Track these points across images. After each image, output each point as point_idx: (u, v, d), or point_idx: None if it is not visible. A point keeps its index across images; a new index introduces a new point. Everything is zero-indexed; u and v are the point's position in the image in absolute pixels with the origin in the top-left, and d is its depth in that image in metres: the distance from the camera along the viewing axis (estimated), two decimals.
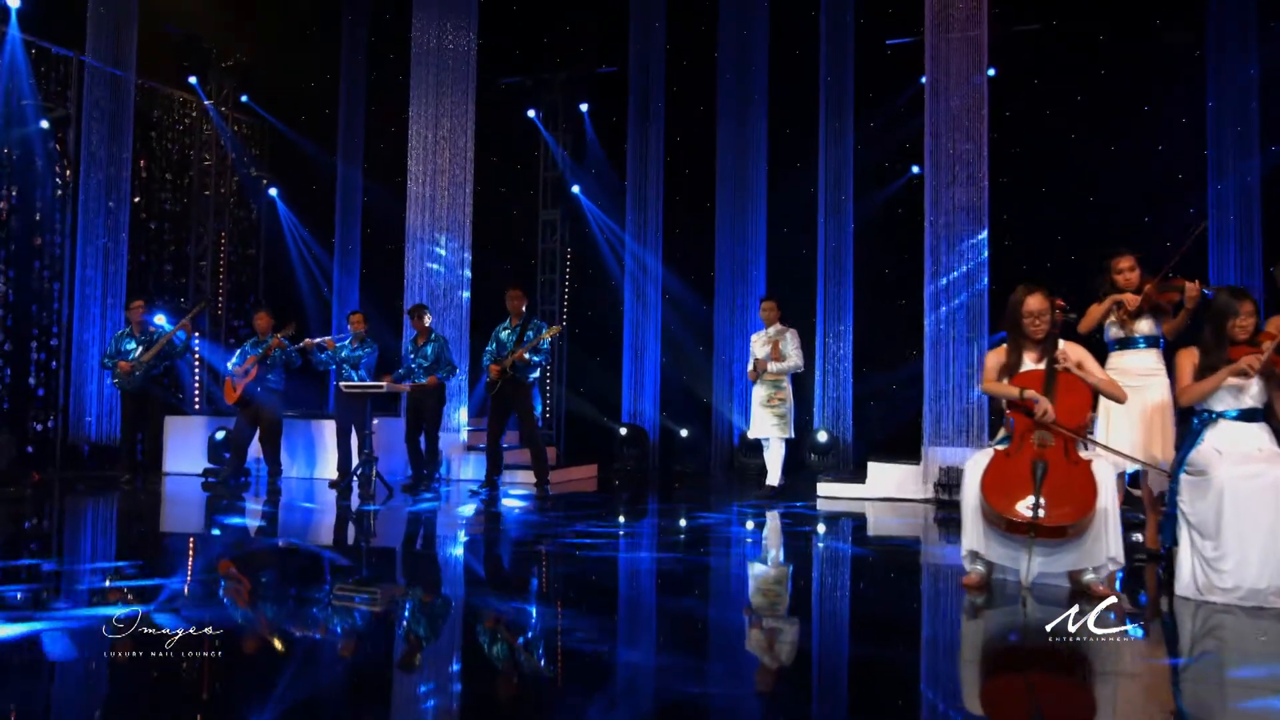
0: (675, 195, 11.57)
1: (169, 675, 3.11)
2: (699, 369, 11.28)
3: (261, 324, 8.94)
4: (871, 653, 3.68)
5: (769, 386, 7.84)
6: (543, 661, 3.41)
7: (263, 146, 12.43)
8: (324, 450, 9.45)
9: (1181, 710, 3.02)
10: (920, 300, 10.94)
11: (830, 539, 6.50)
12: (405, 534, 6.56)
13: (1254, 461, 4.05)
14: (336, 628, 3.85)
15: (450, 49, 9.66)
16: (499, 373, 7.85)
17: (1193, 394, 4.27)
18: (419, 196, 9.60)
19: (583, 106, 11.90)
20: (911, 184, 10.73)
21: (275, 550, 5.85)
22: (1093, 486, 4.02)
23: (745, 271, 11.06)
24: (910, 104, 10.83)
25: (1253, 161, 9.53)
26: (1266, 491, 3.92)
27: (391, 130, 12.79)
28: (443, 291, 9.60)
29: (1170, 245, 10.16)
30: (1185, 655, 3.65)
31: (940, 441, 7.96)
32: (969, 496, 4.26)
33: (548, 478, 8.15)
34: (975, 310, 7.98)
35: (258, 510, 7.37)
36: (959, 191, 7.98)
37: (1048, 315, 4.43)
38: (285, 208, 12.27)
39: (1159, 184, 10.07)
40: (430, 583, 4.99)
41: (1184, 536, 4.14)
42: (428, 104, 9.67)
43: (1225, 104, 9.62)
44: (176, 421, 9.82)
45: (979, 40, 8.02)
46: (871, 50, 10.85)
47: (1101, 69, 10.39)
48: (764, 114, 11.06)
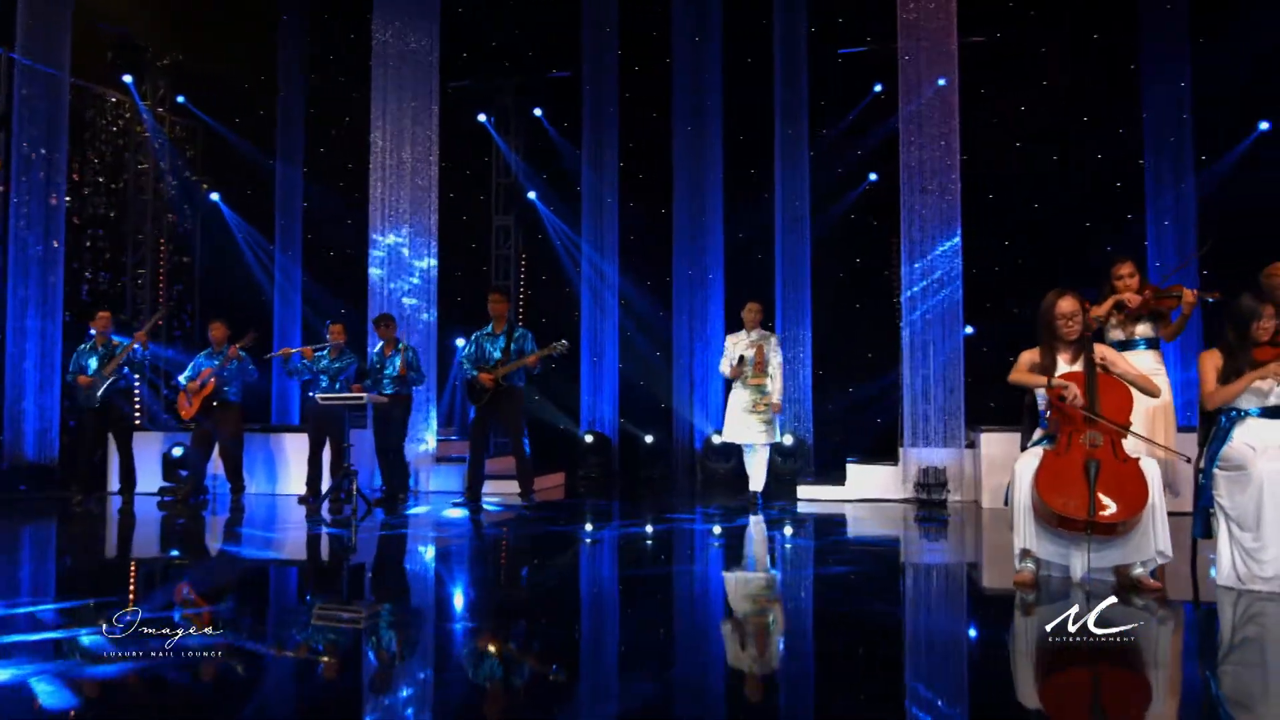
0: (630, 201, 11.55)
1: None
2: (658, 375, 11.29)
3: (217, 334, 8.57)
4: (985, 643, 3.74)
5: (754, 391, 7.67)
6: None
7: (199, 149, 11.92)
8: (285, 465, 9.11)
9: (1224, 696, 3.14)
10: (878, 304, 11.26)
11: (865, 549, 6.58)
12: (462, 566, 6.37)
13: (1268, 454, 4.25)
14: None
15: (411, 50, 9.41)
16: (492, 382, 7.68)
17: (1221, 397, 4.46)
18: (383, 203, 9.33)
19: (537, 111, 11.78)
20: (869, 191, 10.97)
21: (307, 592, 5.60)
22: (1144, 484, 4.17)
23: (703, 277, 11.11)
24: (865, 112, 11.09)
25: (1185, 164, 9.98)
26: None
27: (332, 133, 12.49)
28: (406, 301, 9.35)
29: (1111, 250, 10.72)
30: (1228, 643, 3.82)
31: (919, 443, 8.13)
32: (1020, 497, 4.37)
33: (533, 487, 8.03)
34: (951, 313, 8.18)
35: (255, 535, 7.04)
36: (932, 197, 8.18)
37: (1080, 317, 4.58)
38: (231, 212, 11.79)
39: (1099, 191, 10.53)
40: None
41: (1222, 529, 4.33)
42: (388, 108, 9.40)
43: (1160, 115, 10.07)
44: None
45: (949, 47, 8.23)
46: (824, 59, 11.04)
47: (1043, 79, 10.82)
48: (719, 120, 11.14)
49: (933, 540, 6.53)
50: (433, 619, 4.31)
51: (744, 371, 7.64)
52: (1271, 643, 3.76)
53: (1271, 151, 9.28)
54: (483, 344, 7.96)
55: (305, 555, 6.21)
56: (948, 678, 3.46)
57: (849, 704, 3.10)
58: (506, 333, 7.93)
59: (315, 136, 12.29)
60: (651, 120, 11.62)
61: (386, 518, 7.41)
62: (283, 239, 11.95)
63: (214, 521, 7.46)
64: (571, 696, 3.19)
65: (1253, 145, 9.36)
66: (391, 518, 7.43)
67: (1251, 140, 9.29)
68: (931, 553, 6.17)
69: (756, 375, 7.61)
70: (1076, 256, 10.44)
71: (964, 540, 6.50)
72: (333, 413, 8.15)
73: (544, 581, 5.26)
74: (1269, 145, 9.31)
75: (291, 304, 11.94)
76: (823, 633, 4.06)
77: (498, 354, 7.83)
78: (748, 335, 7.83)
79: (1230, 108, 9.44)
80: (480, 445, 8.04)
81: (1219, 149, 9.61)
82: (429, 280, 9.35)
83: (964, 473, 8.01)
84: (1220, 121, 9.57)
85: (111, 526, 7.47)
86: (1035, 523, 4.35)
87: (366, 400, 7.72)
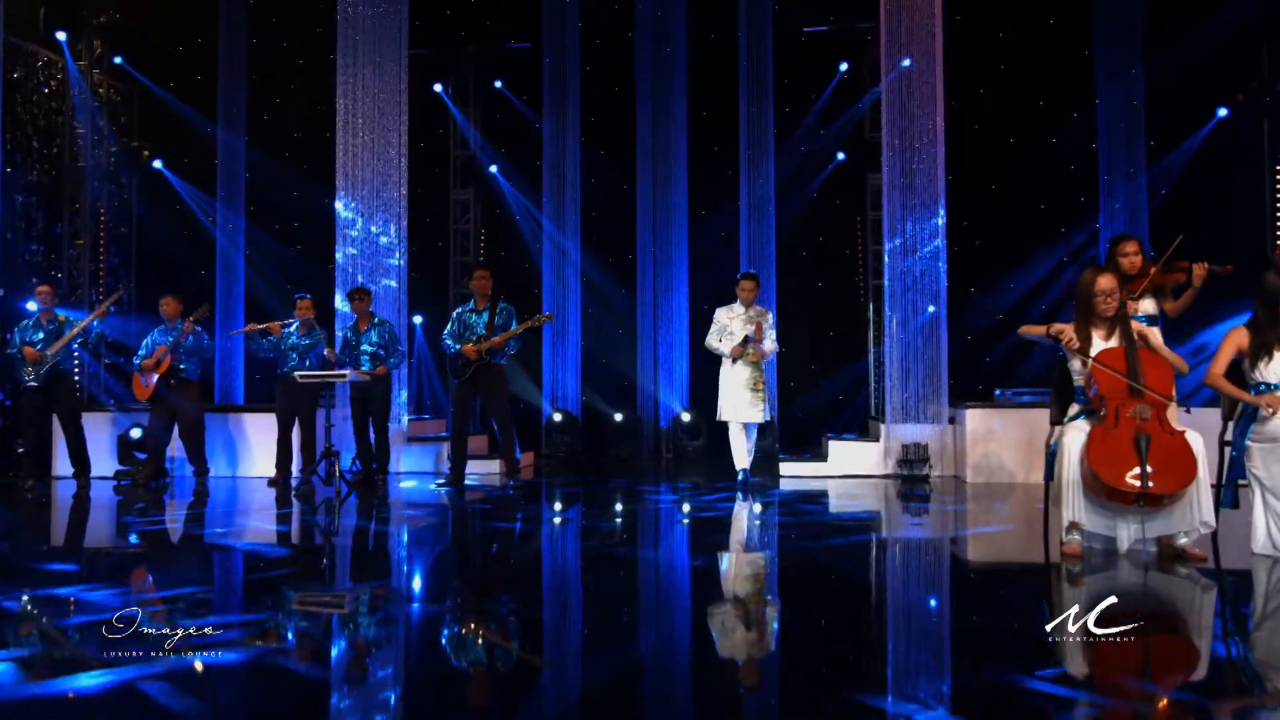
0: (592, 178, 11.38)
1: None
2: (622, 353, 11.20)
3: (169, 309, 8.12)
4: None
5: (754, 369, 7.54)
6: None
7: (135, 113, 11.26)
8: (247, 446, 8.74)
9: (1258, 660, 3.27)
10: (843, 283, 11.37)
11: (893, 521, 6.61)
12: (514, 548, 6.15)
13: None
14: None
15: (379, 14, 9.04)
16: (475, 355, 7.47)
17: (1216, 385, 4.61)
18: (348, 176, 8.96)
19: (497, 83, 11.48)
20: (835, 171, 11.03)
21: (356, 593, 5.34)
22: (1192, 456, 4.28)
23: (667, 254, 11.04)
24: (831, 92, 11.14)
25: (1138, 150, 10.29)
26: None
27: (277, 100, 11.96)
28: (385, 282, 9.02)
29: (1064, 230, 10.98)
30: (1263, 608, 3.96)
31: (900, 419, 8.23)
32: (1068, 471, 4.44)
33: (518, 467, 7.87)
34: (931, 289, 8.28)
35: (241, 522, 6.70)
36: (918, 176, 8.26)
37: (1117, 295, 4.66)
38: (178, 180, 11.20)
39: (1055, 177, 10.77)
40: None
41: (1257, 499, 4.48)
42: (354, 74, 9.01)
43: (1112, 107, 10.34)
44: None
45: (933, 27, 8.29)
46: (789, 37, 11.03)
47: (1001, 64, 11.00)
48: (684, 97, 11.05)
49: (954, 516, 6.62)
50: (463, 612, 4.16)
51: (747, 350, 7.44)
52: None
53: (1225, 139, 9.63)
54: (465, 320, 7.74)
55: (321, 548, 5.94)
56: (1029, 643, 3.48)
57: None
58: (490, 309, 7.72)
59: (259, 103, 11.74)
60: (614, 95, 11.46)
61: (369, 500, 7.16)
62: (225, 210, 11.40)
63: (179, 505, 7.09)
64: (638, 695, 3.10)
65: (1211, 132, 9.67)
66: (374, 500, 7.18)
67: (1211, 127, 9.60)
68: (962, 528, 6.26)
69: (756, 352, 7.48)
70: (1034, 239, 10.74)
71: (989, 512, 6.59)
72: (305, 391, 7.83)
73: (583, 570, 5.14)
74: (1224, 132, 9.65)
75: (235, 277, 11.42)
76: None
77: (481, 330, 7.62)
78: (745, 311, 7.61)
79: (1184, 95, 9.73)
80: (463, 424, 7.83)
81: (1173, 136, 9.91)
82: (399, 255, 9.03)
83: (946, 448, 8.14)
84: (1174, 109, 9.86)
85: (60, 511, 7.03)
86: (1084, 495, 4.42)
87: (350, 378, 7.42)
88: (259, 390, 10.92)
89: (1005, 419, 7.77)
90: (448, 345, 7.72)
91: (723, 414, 7.71)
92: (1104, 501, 4.40)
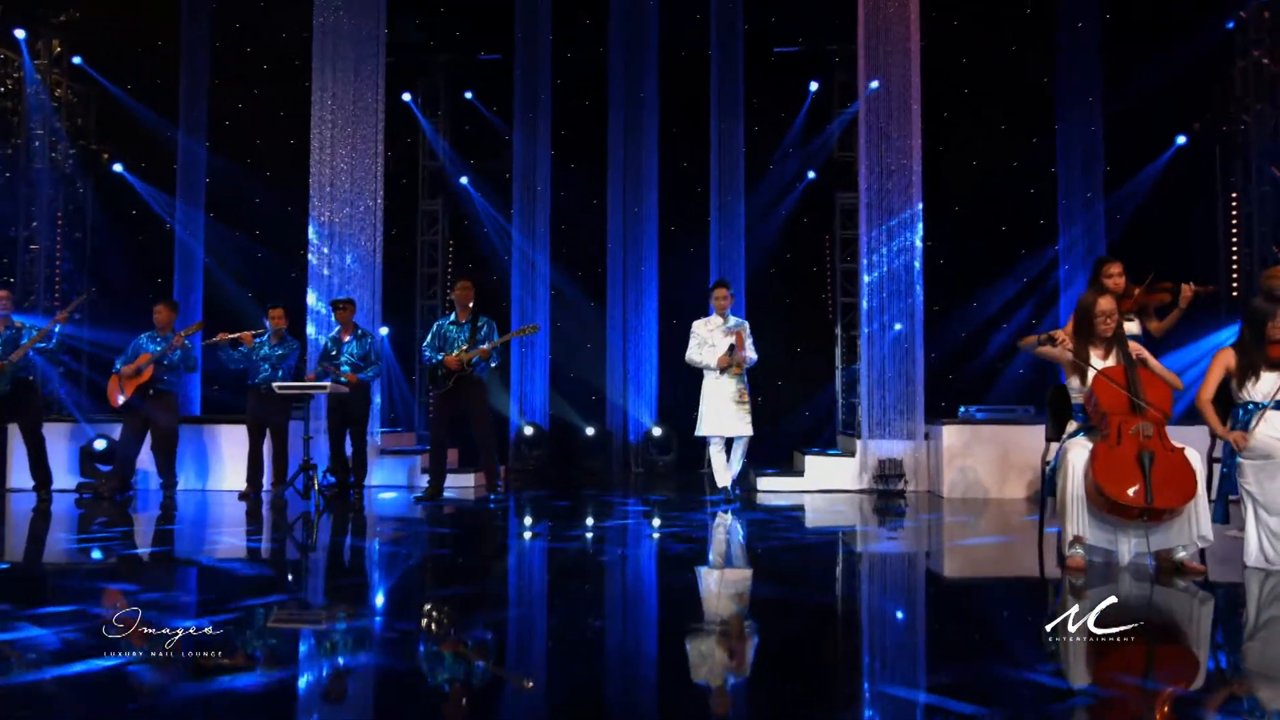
0: (562, 191, 11.37)
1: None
2: (591, 366, 11.18)
3: (162, 317, 7.87)
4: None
5: (737, 381, 7.35)
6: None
7: (93, 115, 10.95)
8: (217, 458, 8.52)
9: (1250, 669, 3.39)
10: (811, 300, 11.52)
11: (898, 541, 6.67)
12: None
13: None
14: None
15: (355, 23, 8.93)
16: (458, 366, 7.39)
17: (1203, 410, 4.80)
18: (321, 184, 8.81)
19: (468, 94, 11.42)
20: (807, 189, 11.19)
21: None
22: (1193, 473, 4.42)
23: (638, 269, 11.07)
24: (800, 111, 11.30)
25: (1095, 175, 10.62)
26: None
27: (240, 106, 11.75)
28: (344, 284, 8.89)
29: (1024, 251, 11.26)
30: (1256, 620, 4.10)
31: (876, 434, 8.34)
32: (1072, 486, 4.55)
33: (499, 480, 7.80)
34: (908, 308, 8.42)
35: (220, 538, 6.52)
36: (893, 196, 8.40)
37: (1116, 315, 4.81)
38: (140, 182, 10.90)
39: (1015, 198, 11.07)
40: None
41: (1249, 514, 4.64)
42: (329, 81, 8.88)
43: (1071, 133, 10.66)
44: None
45: (909, 49, 8.46)
46: (760, 56, 11.17)
47: (965, 88, 11.27)
48: (655, 112, 11.11)
49: (925, 530, 6.72)
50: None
51: (732, 361, 7.32)
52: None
53: (1183, 166, 9.99)
54: (446, 332, 7.65)
55: (311, 566, 5.81)
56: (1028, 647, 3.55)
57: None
58: (471, 321, 7.65)
59: (222, 108, 11.52)
60: (585, 109, 11.49)
61: (344, 513, 7.04)
62: (185, 215, 11.14)
63: (146, 519, 6.87)
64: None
65: (1170, 160, 10.01)
66: (353, 514, 7.06)
67: (1170, 155, 9.94)
68: (946, 541, 6.35)
69: (739, 361, 7.35)
70: (997, 261, 11.01)
71: (970, 526, 6.70)
72: (279, 403, 7.68)
73: (594, 587, 5.10)
74: (1183, 160, 10.00)
75: (194, 284, 11.16)
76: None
77: (462, 343, 7.54)
78: (724, 323, 7.50)
79: (1142, 123, 10.08)
80: (442, 437, 7.73)
81: (1133, 163, 10.24)
82: (373, 266, 8.91)
83: (920, 463, 8.27)
84: (1132, 136, 10.20)
85: (15, 526, 6.78)
86: (1088, 510, 4.54)
87: (329, 389, 7.29)
88: (217, 401, 10.68)
89: (979, 435, 7.92)
90: (427, 356, 7.63)
91: (703, 429, 7.50)
92: (1106, 516, 4.52)
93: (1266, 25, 8.97)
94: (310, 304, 8.78)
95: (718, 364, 7.36)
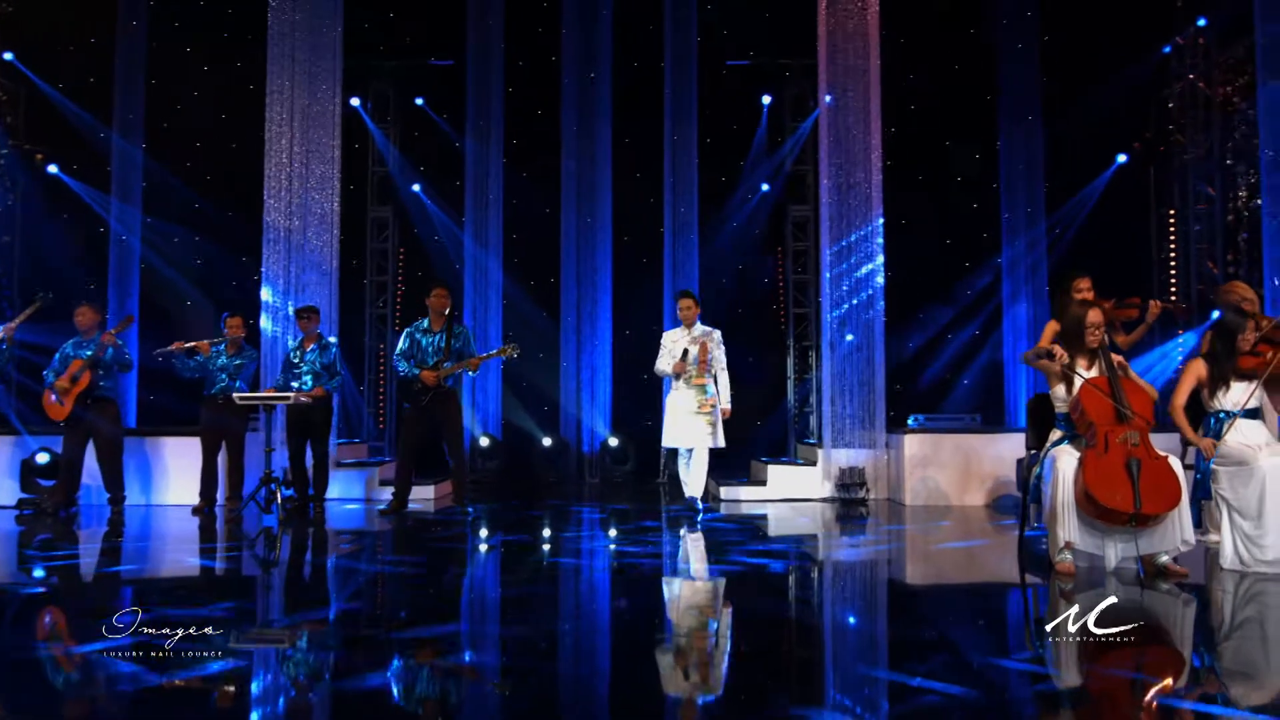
0: (514, 199, 11.29)
1: None
2: (545, 376, 11.10)
3: (87, 320, 7.56)
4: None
5: (698, 391, 7.27)
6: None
7: (22, 113, 10.48)
8: (163, 472, 8.21)
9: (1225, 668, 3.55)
10: (763, 312, 11.63)
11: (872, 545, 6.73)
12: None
13: (1265, 451, 4.81)
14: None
15: (312, 23, 8.73)
16: (435, 381, 7.24)
17: (1176, 422, 5.02)
18: (276, 188, 8.58)
19: (418, 100, 11.26)
20: (759, 201, 11.30)
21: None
22: (1177, 479, 4.59)
23: (591, 279, 11.03)
24: (754, 124, 11.42)
25: (1037, 191, 10.94)
26: None
27: (178, 107, 11.39)
28: (299, 292, 8.66)
29: (968, 264, 11.53)
30: (1232, 619, 4.28)
31: (838, 443, 8.45)
32: (1062, 493, 4.68)
33: (468, 493, 7.67)
34: (869, 320, 8.55)
35: (176, 557, 6.26)
36: (854, 209, 8.55)
37: (1103, 326, 4.98)
38: (75, 182, 10.46)
39: (960, 214, 11.34)
40: None
41: (1224, 519, 4.84)
42: (285, 83, 8.66)
43: (1014, 149, 10.98)
44: None
45: (868, 67, 8.63)
46: (712, 69, 11.25)
47: (911, 104, 11.53)
48: (608, 122, 11.10)
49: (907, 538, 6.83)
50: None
51: (689, 370, 7.24)
52: (1272, 619, 4.25)
53: (1124, 184, 10.37)
54: (419, 340, 7.49)
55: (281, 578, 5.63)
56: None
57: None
58: (446, 330, 7.50)
59: (159, 109, 11.13)
60: (538, 118, 11.43)
61: (309, 528, 6.85)
62: (120, 221, 10.73)
63: (91, 536, 6.58)
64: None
65: (1112, 177, 10.39)
66: (318, 528, 6.87)
67: (1111, 173, 10.31)
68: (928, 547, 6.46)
69: (700, 375, 7.31)
70: (943, 273, 11.27)
71: (933, 531, 6.82)
72: (236, 413, 7.45)
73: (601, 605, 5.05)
74: (1123, 178, 10.38)
75: (130, 291, 10.75)
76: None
77: (438, 352, 7.39)
78: (688, 332, 7.46)
79: (1084, 142, 10.43)
80: (413, 450, 7.56)
81: (1074, 181, 10.59)
82: (330, 273, 8.71)
83: (882, 471, 8.40)
84: (1074, 154, 10.55)
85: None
86: (1078, 516, 4.67)
87: (293, 400, 7.08)
88: (156, 407, 10.28)
89: (941, 444, 8.09)
90: (402, 369, 7.42)
91: (668, 439, 7.50)
92: (1094, 522, 4.66)
93: (1201, 50, 9.39)
94: (266, 299, 8.51)
95: (673, 369, 7.34)
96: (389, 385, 11.35)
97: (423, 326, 7.50)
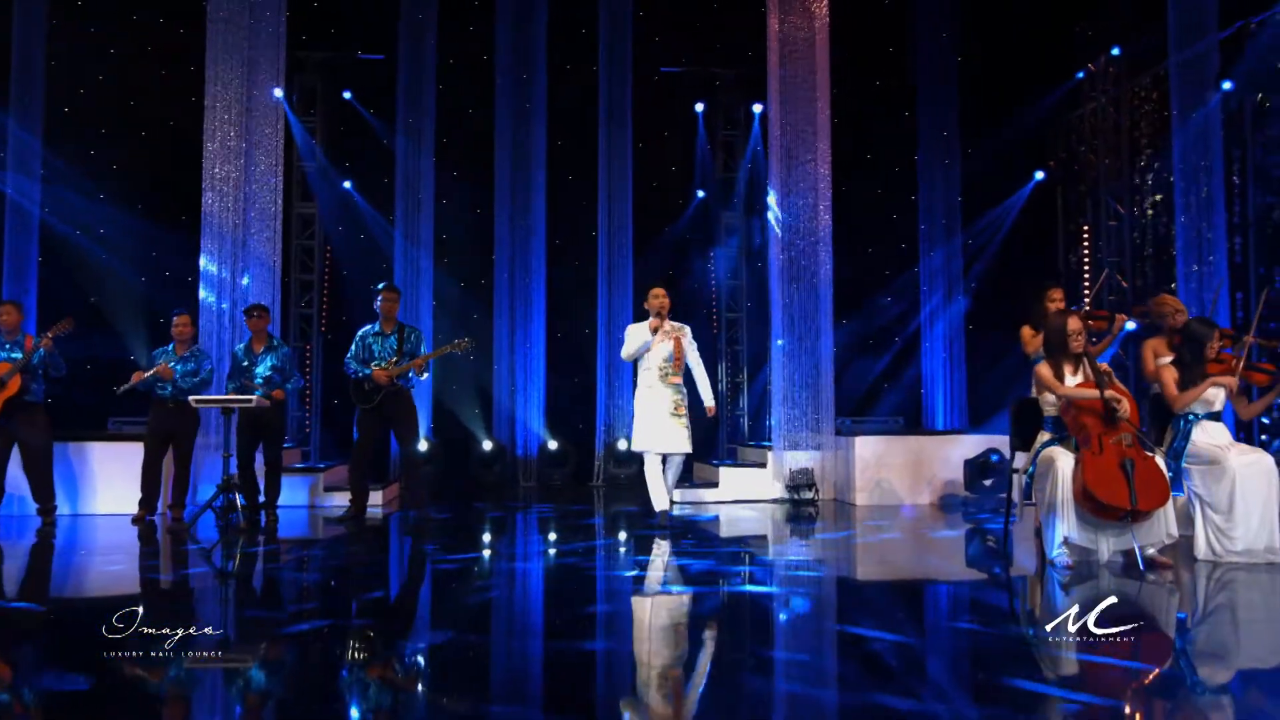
0: (444, 199, 11.07)
1: None
2: (479, 378, 10.93)
3: (11, 319, 7.05)
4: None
5: (674, 391, 6.86)
6: None
7: None
8: (94, 479, 7.71)
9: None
10: (696, 315, 11.76)
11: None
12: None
13: (1233, 451, 5.23)
14: None
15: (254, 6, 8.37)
16: (386, 380, 7.06)
17: (1185, 400, 5.38)
18: (215, 182, 8.18)
19: (346, 94, 10.92)
20: (694, 206, 11.45)
21: None
22: (1165, 477, 4.94)
23: (525, 281, 10.93)
24: (688, 131, 11.57)
25: (953, 203, 11.46)
26: (1263, 475, 5.13)
27: (81, 92, 10.73)
28: (234, 290, 8.29)
29: (889, 272, 11.98)
30: (1204, 605, 4.66)
31: (787, 445, 8.67)
32: (1060, 491, 4.97)
33: (424, 499, 7.52)
34: (817, 323, 8.79)
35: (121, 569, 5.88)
36: (801, 217, 8.79)
37: (1084, 333, 5.30)
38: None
39: (878, 226, 11.75)
40: None
41: (1197, 513, 5.23)
42: (225, 73, 8.27)
43: (932, 158, 11.49)
44: None
45: (815, 78, 8.89)
46: (646, 75, 11.32)
47: (836, 119, 11.88)
48: (542, 123, 11.01)
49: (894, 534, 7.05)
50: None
51: (664, 367, 6.88)
52: (1241, 603, 4.65)
53: (1042, 200, 10.98)
54: (370, 344, 7.30)
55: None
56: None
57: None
58: (398, 332, 7.35)
59: (58, 95, 10.44)
60: (469, 116, 11.26)
61: (275, 537, 6.58)
62: (15, 217, 10.00)
63: (15, 551, 6.15)
64: None
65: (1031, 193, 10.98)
66: (275, 537, 6.61)
67: (1030, 189, 10.90)
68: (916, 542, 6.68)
69: (675, 373, 6.88)
70: (866, 282, 11.68)
71: (882, 530, 7.06)
72: (187, 415, 7.08)
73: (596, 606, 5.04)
74: (1041, 194, 10.99)
75: (28, 286, 10.03)
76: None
77: (389, 355, 7.23)
78: (661, 326, 6.94)
79: (1000, 160, 11.00)
80: (367, 453, 7.37)
81: (991, 197, 11.15)
82: (273, 269, 8.37)
83: (830, 472, 8.65)
84: (991, 171, 11.10)
85: None
86: (1074, 515, 4.96)
87: (254, 402, 6.78)
88: (65, 403, 9.62)
89: (891, 446, 8.40)
90: (353, 370, 7.24)
91: (639, 443, 7.01)
92: (1090, 518, 4.97)
93: (1111, 76, 10.06)
94: (206, 299, 8.13)
95: (650, 326, 6.90)
96: (314, 389, 10.95)
97: (373, 330, 7.33)
